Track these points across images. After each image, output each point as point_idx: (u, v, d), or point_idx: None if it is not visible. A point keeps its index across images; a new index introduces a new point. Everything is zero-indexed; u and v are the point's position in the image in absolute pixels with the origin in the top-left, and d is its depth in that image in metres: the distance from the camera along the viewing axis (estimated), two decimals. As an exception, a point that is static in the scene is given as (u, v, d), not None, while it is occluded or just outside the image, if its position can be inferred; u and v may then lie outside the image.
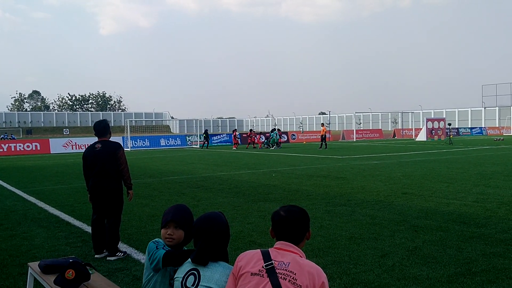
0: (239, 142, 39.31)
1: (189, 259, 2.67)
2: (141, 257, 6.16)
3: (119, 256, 6.18)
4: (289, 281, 2.35)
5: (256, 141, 39.19)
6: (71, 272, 3.51)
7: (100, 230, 6.34)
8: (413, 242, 6.59)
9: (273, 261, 2.45)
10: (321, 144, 34.35)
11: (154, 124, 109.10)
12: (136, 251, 6.55)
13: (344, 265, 5.61)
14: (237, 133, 40.04)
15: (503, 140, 43.84)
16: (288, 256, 2.46)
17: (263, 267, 2.44)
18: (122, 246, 6.73)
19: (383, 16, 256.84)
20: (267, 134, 39.72)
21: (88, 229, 7.71)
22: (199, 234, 2.67)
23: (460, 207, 9.20)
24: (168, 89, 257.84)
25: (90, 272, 3.67)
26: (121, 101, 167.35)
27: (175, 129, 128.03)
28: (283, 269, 2.40)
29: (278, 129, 39.43)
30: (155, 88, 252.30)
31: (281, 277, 2.37)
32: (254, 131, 42.78)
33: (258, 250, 2.57)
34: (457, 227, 7.44)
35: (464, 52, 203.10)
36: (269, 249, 2.55)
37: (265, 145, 38.25)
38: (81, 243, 7.05)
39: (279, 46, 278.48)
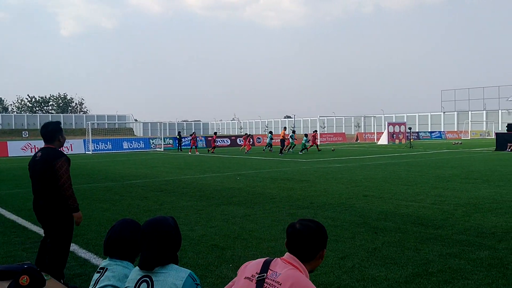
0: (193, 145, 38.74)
1: (137, 266, 2.63)
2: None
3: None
4: None
5: (243, 144, 37.21)
6: (25, 278, 3.40)
7: (42, 252, 5.40)
8: (373, 244, 6.71)
9: (269, 270, 2.44)
10: (281, 149, 32.19)
11: (117, 127, 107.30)
12: (95, 256, 6.41)
13: (305, 267, 5.65)
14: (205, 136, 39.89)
15: (461, 144, 45.27)
16: (286, 269, 2.42)
17: (256, 273, 2.46)
18: (81, 252, 6.58)
19: (346, 22, 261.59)
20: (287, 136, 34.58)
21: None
22: (144, 238, 2.61)
23: (419, 209, 9.44)
24: (131, 92, 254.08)
25: (46, 278, 3.57)
26: (83, 103, 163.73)
27: (138, 132, 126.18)
28: (271, 279, 2.39)
29: (294, 131, 36.88)
30: (118, 91, 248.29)
31: (265, 287, 2.38)
32: (247, 134, 42.23)
33: (263, 259, 2.55)
34: (415, 229, 7.63)
35: (425, 58, 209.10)
36: (274, 259, 2.52)
37: (273, 149, 34.75)
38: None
39: (244, 50, 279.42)
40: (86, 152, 37.05)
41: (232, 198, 11.32)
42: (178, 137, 41.06)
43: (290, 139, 34.11)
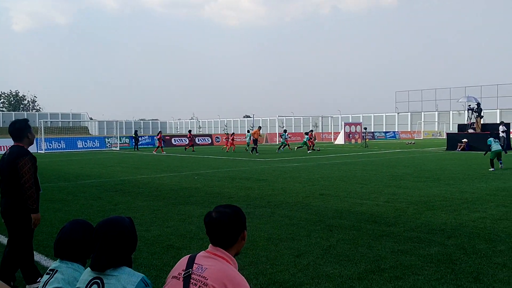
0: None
1: (89, 267, 2.56)
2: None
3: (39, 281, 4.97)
4: (199, 286, 2.34)
5: (227, 143, 36.20)
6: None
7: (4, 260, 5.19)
8: (328, 241, 6.82)
9: (194, 265, 2.43)
10: (253, 148, 31.13)
11: (71, 125, 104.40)
12: (45, 258, 6.22)
13: (261, 266, 5.68)
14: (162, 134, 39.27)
15: (414, 143, 46.68)
16: (211, 261, 2.42)
17: (182, 270, 2.44)
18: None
19: (305, 23, 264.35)
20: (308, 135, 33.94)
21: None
22: (97, 239, 2.54)
23: (372, 207, 9.66)
24: (86, 89, 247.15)
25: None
26: (36, 101, 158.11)
27: (94, 131, 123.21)
28: (197, 274, 2.38)
29: (311, 131, 35.52)
30: (73, 88, 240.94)
31: (192, 282, 2.37)
32: (227, 132, 41.54)
33: (189, 255, 2.54)
34: (369, 226, 7.80)
35: (380, 60, 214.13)
36: (198, 253, 2.52)
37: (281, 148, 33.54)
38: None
39: (204, 48, 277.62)
40: (39, 151, 35.86)
41: (189, 198, 11.22)
42: (134, 136, 40.35)
43: (282, 138, 34.28)
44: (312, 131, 35.79)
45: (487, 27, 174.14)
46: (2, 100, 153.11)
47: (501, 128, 32.03)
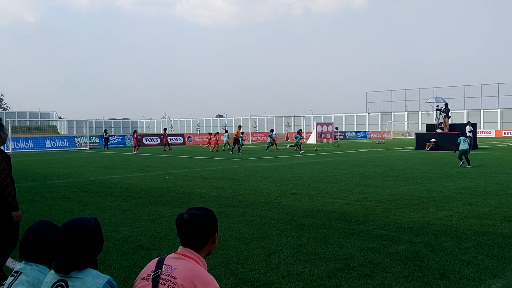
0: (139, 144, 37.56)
1: (53, 269, 2.49)
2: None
3: None
4: (168, 286, 2.32)
5: (209, 143, 36.41)
6: None
7: None
8: (299, 240, 6.86)
9: (164, 266, 2.42)
10: (233, 147, 30.72)
11: (39, 124, 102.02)
12: (11, 259, 6.05)
13: (232, 266, 5.67)
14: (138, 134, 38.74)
15: (384, 143, 47.45)
16: (180, 262, 2.41)
17: (151, 272, 2.42)
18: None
19: (277, 23, 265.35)
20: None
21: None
22: (61, 240, 2.47)
23: (343, 206, 9.77)
24: (55, 88, 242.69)
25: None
26: (3, 99, 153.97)
27: (63, 130, 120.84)
28: (166, 274, 2.37)
29: (272, 130, 35.72)
30: (42, 87, 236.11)
31: (161, 282, 2.36)
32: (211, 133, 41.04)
33: (158, 257, 2.53)
34: (339, 225, 7.88)
35: (351, 60, 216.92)
36: (168, 256, 2.50)
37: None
38: None
39: (176, 47, 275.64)
40: (5, 151, 34.85)
41: (160, 198, 11.12)
42: (104, 135, 39.62)
43: (268, 138, 34.14)
44: (300, 130, 35.92)
45: (455, 30, 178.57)
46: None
47: (468, 128, 32.87)
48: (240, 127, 34.08)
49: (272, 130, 35.68)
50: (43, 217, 8.82)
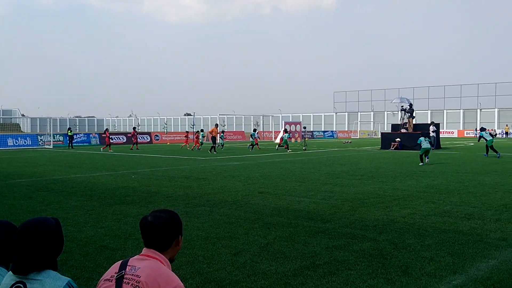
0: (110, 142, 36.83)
1: (11, 271, 2.42)
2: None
3: None
4: (132, 284, 2.32)
5: (186, 141, 36.49)
6: None
7: None
8: (265, 239, 6.87)
9: (127, 267, 2.40)
10: (213, 146, 30.26)
11: (1, 122, 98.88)
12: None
13: (198, 265, 5.63)
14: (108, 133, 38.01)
15: (350, 143, 48.14)
16: (144, 262, 2.41)
17: (115, 273, 2.41)
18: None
19: (245, 22, 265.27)
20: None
21: None
22: (19, 240, 2.41)
23: (310, 204, 9.85)
24: (18, 85, 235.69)
25: None
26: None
27: (26, 128, 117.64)
28: (130, 274, 2.37)
29: (255, 129, 35.94)
30: (4, 83, 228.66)
31: (125, 282, 2.36)
32: (188, 131, 40.48)
33: (121, 261, 2.50)
34: (305, 223, 7.94)
35: (320, 60, 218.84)
36: (131, 257, 2.49)
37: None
38: None
39: (143, 44, 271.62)
40: (-37, 149, 33.72)
41: (125, 198, 10.95)
42: (69, 133, 38.76)
43: (251, 138, 33.91)
44: (216, 125, 35.53)
45: (420, 33, 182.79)
46: None
47: (431, 128, 33.71)
48: (217, 125, 33.90)
49: (255, 130, 35.63)
50: (3, 217, 8.55)
